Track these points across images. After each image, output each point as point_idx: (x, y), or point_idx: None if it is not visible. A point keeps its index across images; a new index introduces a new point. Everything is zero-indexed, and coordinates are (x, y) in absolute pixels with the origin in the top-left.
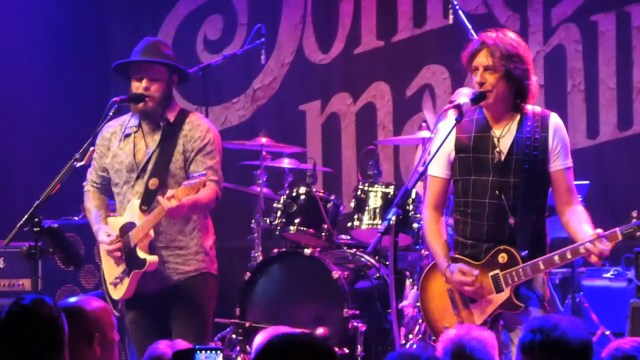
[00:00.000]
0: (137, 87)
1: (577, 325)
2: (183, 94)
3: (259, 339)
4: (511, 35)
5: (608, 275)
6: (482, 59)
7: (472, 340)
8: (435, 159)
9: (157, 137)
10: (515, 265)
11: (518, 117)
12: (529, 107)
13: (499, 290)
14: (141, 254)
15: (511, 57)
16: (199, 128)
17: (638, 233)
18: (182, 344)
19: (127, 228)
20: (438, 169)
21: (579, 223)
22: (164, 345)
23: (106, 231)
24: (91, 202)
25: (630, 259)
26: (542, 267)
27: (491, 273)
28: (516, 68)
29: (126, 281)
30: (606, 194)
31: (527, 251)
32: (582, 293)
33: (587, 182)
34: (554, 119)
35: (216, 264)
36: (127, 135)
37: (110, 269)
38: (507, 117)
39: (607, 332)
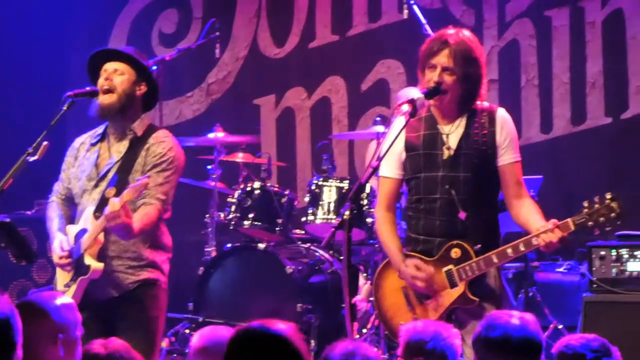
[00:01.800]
0: (100, 81)
1: (526, 321)
2: None
3: (195, 340)
4: (470, 36)
5: (561, 269)
6: (443, 59)
7: (432, 335)
8: (387, 159)
9: (122, 148)
10: (469, 259)
11: (466, 113)
12: (477, 103)
13: (453, 285)
14: (87, 261)
15: (470, 61)
16: (162, 144)
17: (589, 223)
18: (116, 343)
19: (80, 235)
20: (389, 169)
21: (530, 215)
22: (98, 345)
23: (60, 242)
24: (54, 211)
25: (583, 253)
26: (495, 260)
27: (445, 268)
28: (473, 73)
29: (73, 287)
30: (560, 188)
31: (480, 245)
32: (535, 287)
33: (540, 176)
34: (501, 114)
35: (167, 277)
36: (93, 145)
37: (62, 275)
38: (456, 114)
39: (560, 326)
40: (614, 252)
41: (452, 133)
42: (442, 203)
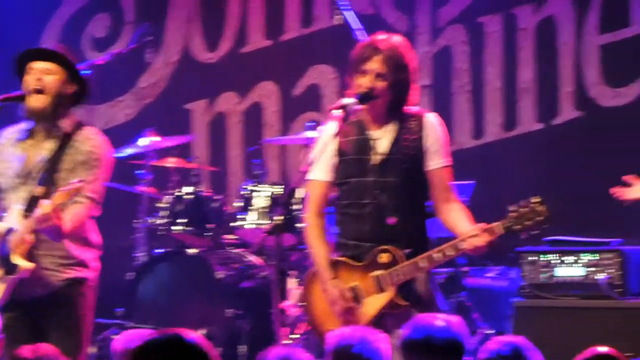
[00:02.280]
0: (29, 81)
1: (450, 323)
2: None
3: (117, 344)
4: (401, 41)
5: (491, 274)
6: (375, 65)
7: (359, 340)
8: (318, 163)
9: (50, 145)
10: (397, 264)
11: (396, 118)
12: (407, 108)
13: (382, 290)
14: (16, 260)
15: (401, 67)
16: (89, 142)
17: (516, 226)
18: (45, 348)
19: (7, 234)
20: (320, 173)
21: (458, 220)
22: (27, 350)
23: None
24: None
25: (513, 258)
26: (424, 265)
27: (373, 273)
28: (404, 79)
29: (1, 287)
30: (492, 194)
31: (409, 250)
32: (465, 292)
33: (472, 182)
34: (430, 118)
35: (97, 275)
36: (20, 140)
37: None
38: (386, 119)
39: (490, 332)
40: (543, 258)
41: (382, 138)
42: (371, 208)
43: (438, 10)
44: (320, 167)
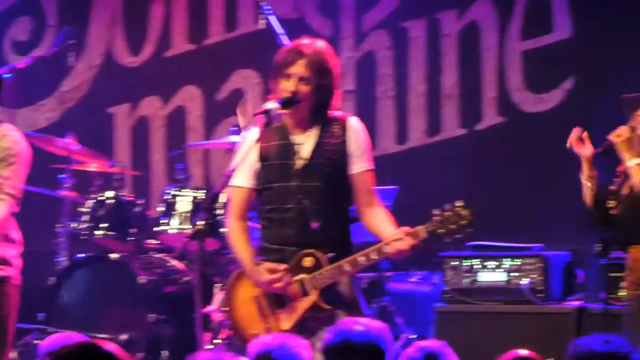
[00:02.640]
0: None
1: (369, 327)
2: None
3: (45, 346)
4: (324, 46)
5: (414, 279)
6: (299, 69)
7: (279, 348)
8: (240, 169)
9: None
10: (321, 268)
11: (319, 123)
12: (330, 112)
13: (305, 294)
14: None
15: (325, 71)
16: (6, 138)
17: (440, 230)
18: None
19: None
20: (242, 179)
21: (382, 223)
22: None
23: None
24: None
25: (436, 263)
26: (348, 268)
27: (297, 277)
28: (327, 83)
29: None
30: (415, 199)
31: (332, 254)
32: (388, 297)
33: (395, 187)
34: (353, 123)
35: (19, 274)
36: None
37: None
38: (309, 123)
39: (412, 336)
40: (465, 263)
41: (305, 143)
42: (295, 213)
43: (362, 15)
44: (243, 173)
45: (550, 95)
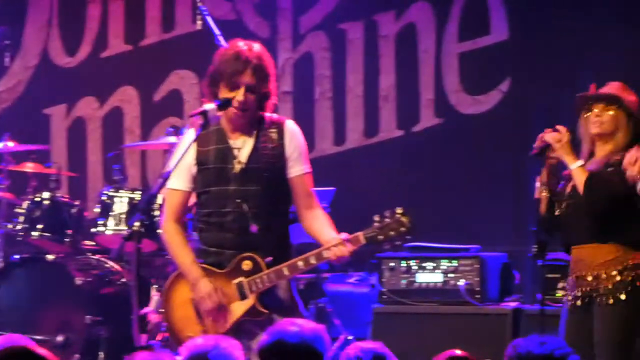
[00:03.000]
0: None
1: (304, 328)
2: None
3: None
4: (262, 50)
5: (352, 280)
6: (247, 79)
7: (213, 349)
8: (176, 172)
9: None
10: (259, 272)
11: (256, 126)
12: (267, 115)
13: (243, 297)
14: None
15: (268, 78)
16: None
17: (380, 237)
18: None
19: None
20: (179, 182)
21: (321, 227)
22: None
23: None
24: None
25: (374, 264)
26: (286, 272)
27: (235, 281)
28: (270, 90)
29: None
30: (353, 200)
31: (271, 258)
32: (326, 298)
33: (333, 188)
34: (290, 126)
35: None
36: None
37: None
38: (246, 128)
39: (350, 337)
40: (403, 263)
41: (243, 147)
42: (233, 217)
43: (299, 16)
44: (179, 175)
45: (487, 97)
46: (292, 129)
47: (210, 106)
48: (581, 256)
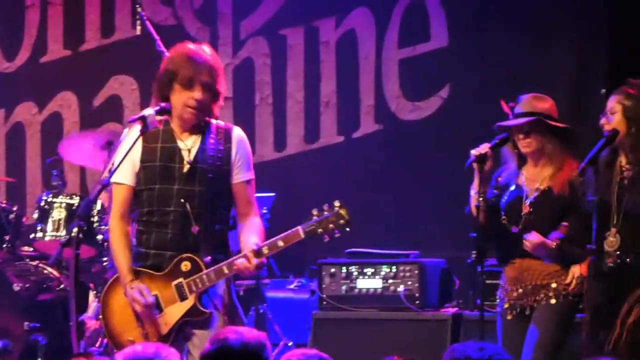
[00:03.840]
0: None
1: (245, 334)
2: None
3: None
4: (213, 52)
5: (292, 286)
6: (204, 77)
7: (152, 355)
8: (122, 167)
9: None
10: (199, 272)
11: (204, 128)
12: (213, 121)
13: (183, 298)
14: None
15: (219, 74)
16: None
17: (319, 230)
18: None
19: None
20: (124, 176)
21: (247, 236)
22: None
23: None
24: None
25: (314, 270)
26: (227, 271)
27: (174, 282)
28: (222, 86)
29: None
30: (293, 205)
31: (209, 258)
32: (266, 304)
33: (273, 194)
34: (237, 132)
35: None
36: None
37: None
38: (194, 129)
39: (290, 343)
40: (343, 269)
41: (190, 147)
42: (176, 216)
43: (240, 22)
44: (124, 170)
45: (426, 103)
46: (239, 135)
47: (149, 112)
48: (529, 266)
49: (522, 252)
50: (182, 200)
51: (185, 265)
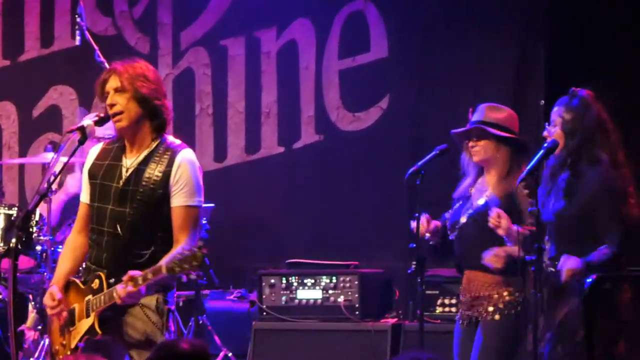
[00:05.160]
0: None
1: (196, 344)
2: None
3: None
4: (140, 60)
5: (232, 297)
6: (112, 83)
7: None
8: (83, 183)
9: None
10: (102, 291)
11: (152, 148)
12: (170, 139)
13: (87, 315)
14: None
15: (138, 76)
16: None
17: (177, 269)
18: None
19: None
20: (84, 194)
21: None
22: None
23: None
24: None
25: (254, 281)
26: (115, 295)
27: (86, 298)
28: (143, 86)
29: None
30: (233, 216)
31: (113, 279)
32: (205, 315)
33: (212, 204)
34: (184, 155)
35: None
36: None
37: None
38: (144, 147)
39: (230, 354)
40: (283, 280)
41: (130, 167)
42: (108, 237)
43: (180, 32)
44: (84, 188)
45: (366, 113)
46: (184, 158)
47: (87, 122)
48: (473, 277)
49: (471, 264)
50: (114, 222)
51: (95, 283)
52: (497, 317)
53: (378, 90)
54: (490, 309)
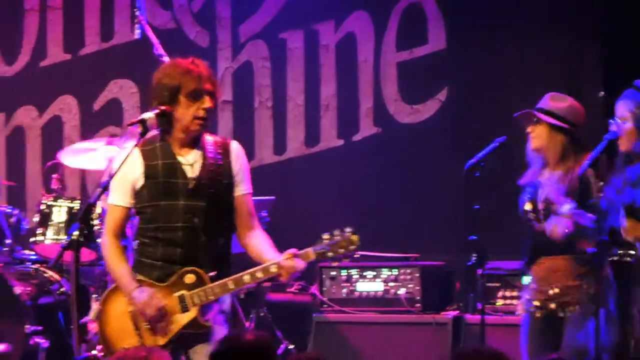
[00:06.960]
0: None
1: (255, 338)
2: None
3: None
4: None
5: (292, 289)
6: (209, 87)
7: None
8: (118, 187)
9: None
10: (203, 285)
11: (200, 142)
12: (208, 136)
13: (184, 310)
14: None
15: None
16: None
17: (329, 253)
18: None
19: None
20: (120, 197)
21: (264, 246)
22: None
23: None
24: None
25: (315, 273)
26: (231, 286)
27: (177, 293)
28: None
29: None
30: (292, 209)
31: (215, 272)
32: (266, 308)
33: (272, 197)
34: (235, 146)
35: None
36: None
37: None
38: (192, 143)
39: (291, 347)
40: (344, 272)
41: (192, 163)
42: (183, 231)
43: (239, 25)
44: (120, 191)
45: (424, 106)
46: (237, 148)
47: (148, 115)
48: (556, 267)
49: (549, 251)
50: (190, 216)
51: (190, 278)
52: (588, 306)
53: (436, 83)
54: (580, 299)
